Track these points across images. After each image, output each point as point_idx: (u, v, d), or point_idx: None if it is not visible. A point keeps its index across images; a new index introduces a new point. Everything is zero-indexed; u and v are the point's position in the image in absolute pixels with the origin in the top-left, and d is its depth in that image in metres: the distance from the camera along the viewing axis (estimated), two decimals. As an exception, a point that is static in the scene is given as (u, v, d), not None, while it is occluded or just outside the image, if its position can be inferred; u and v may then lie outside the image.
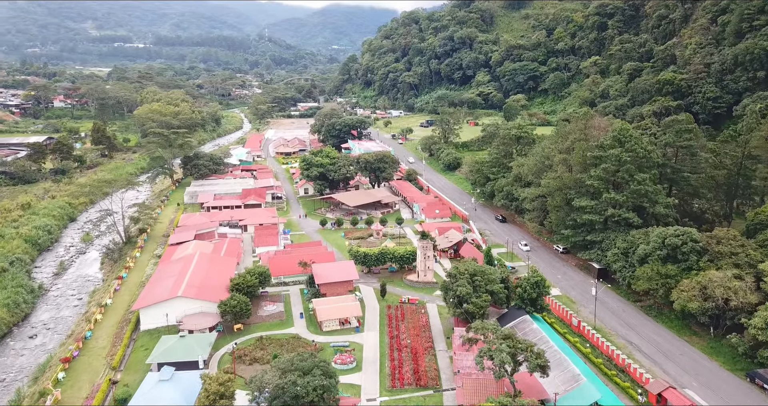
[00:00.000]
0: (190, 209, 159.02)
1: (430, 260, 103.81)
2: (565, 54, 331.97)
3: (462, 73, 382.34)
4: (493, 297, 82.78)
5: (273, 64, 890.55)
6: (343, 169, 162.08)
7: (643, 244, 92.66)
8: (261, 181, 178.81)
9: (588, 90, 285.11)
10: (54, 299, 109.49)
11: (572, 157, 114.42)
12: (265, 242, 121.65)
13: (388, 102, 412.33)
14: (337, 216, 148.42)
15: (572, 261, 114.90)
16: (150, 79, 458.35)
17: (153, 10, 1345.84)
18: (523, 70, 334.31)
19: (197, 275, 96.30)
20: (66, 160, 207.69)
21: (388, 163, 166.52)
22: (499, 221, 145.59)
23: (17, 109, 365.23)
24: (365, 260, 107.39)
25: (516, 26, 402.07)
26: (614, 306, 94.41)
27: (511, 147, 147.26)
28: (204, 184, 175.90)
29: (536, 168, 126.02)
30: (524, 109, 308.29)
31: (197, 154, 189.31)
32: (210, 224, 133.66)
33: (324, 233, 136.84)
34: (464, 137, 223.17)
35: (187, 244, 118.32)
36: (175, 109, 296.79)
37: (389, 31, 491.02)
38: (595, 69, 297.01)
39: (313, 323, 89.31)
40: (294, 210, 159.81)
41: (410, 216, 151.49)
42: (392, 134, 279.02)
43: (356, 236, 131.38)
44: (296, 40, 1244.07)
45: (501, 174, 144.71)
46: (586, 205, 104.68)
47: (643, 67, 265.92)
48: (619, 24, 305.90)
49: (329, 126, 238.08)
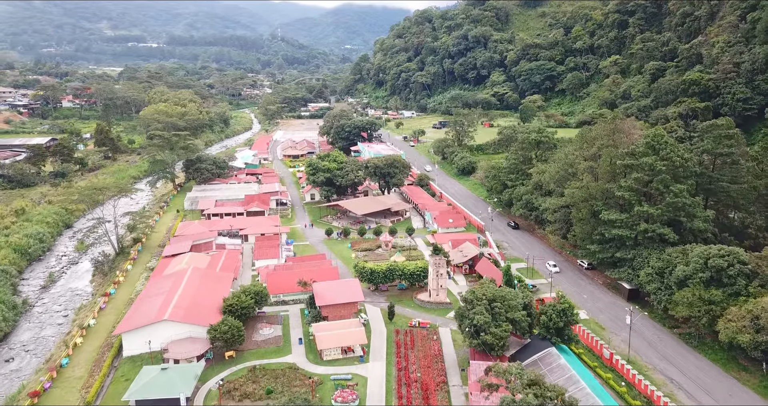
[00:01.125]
0: (190, 215, 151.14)
1: (443, 279, 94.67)
2: (584, 53, 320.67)
3: (476, 73, 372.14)
4: (514, 326, 73.52)
5: (285, 64, 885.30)
6: (351, 175, 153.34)
7: (682, 264, 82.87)
8: (266, 187, 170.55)
9: (608, 90, 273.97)
10: (38, 316, 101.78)
11: (599, 164, 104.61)
12: (265, 254, 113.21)
13: (400, 102, 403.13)
14: (344, 225, 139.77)
15: (599, 279, 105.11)
16: (159, 79, 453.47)
17: (167, 10, 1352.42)
18: (540, 70, 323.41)
19: (187, 294, 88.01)
20: (66, 163, 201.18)
21: (398, 169, 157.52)
22: (511, 228, 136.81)
23: (25, 110, 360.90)
24: (372, 278, 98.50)
25: (532, 25, 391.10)
26: (649, 333, 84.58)
27: (530, 152, 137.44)
28: (206, 190, 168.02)
29: (558, 176, 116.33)
30: (541, 111, 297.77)
31: (200, 157, 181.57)
32: (208, 233, 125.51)
33: (329, 244, 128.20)
34: (479, 140, 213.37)
35: (181, 256, 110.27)
36: (182, 109, 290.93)
37: (402, 30, 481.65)
38: (615, 69, 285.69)
39: (312, 349, 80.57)
40: (299, 217, 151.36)
41: (422, 225, 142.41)
42: (404, 136, 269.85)
43: (363, 248, 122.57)
44: (309, 39, 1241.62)
45: (519, 181, 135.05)
46: (616, 218, 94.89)
47: (667, 66, 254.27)
48: (640, 22, 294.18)
49: (338, 128, 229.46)
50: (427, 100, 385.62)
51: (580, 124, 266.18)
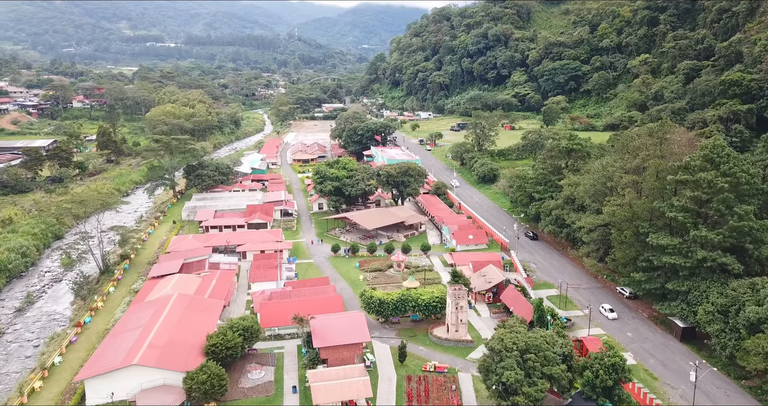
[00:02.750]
0: (187, 227, 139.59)
1: (464, 313, 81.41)
2: (611, 52, 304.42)
3: (496, 73, 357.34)
4: (551, 382, 60.17)
5: (301, 64, 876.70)
6: (362, 184, 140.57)
7: (752, 303, 68.82)
8: (271, 195, 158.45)
9: (637, 91, 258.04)
10: (6, 346, 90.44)
11: (644, 179, 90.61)
12: (262, 276, 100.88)
13: (417, 103, 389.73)
14: (353, 240, 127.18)
15: (643, 310, 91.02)
16: (172, 79, 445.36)
17: (186, 10, 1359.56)
18: (564, 70, 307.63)
19: (166, 330, 75.84)
20: (64, 168, 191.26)
21: (413, 177, 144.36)
22: (529, 238, 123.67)
23: (35, 110, 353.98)
24: (381, 309, 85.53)
25: (555, 22, 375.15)
26: (711, 385, 70.44)
27: (560, 161, 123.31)
28: (206, 198, 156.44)
29: (595, 190, 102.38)
30: (565, 112, 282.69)
31: (202, 163, 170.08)
32: (202, 250, 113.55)
33: (336, 262, 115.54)
34: (500, 144, 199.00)
35: (168, 279, 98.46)
36: (190, 110, 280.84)
37: (419, 29, 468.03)
38: (645, 68, 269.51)
39: (308, 399, 67.91)
40: (305, 230, 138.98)
41: (438, 240, 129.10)
42: (419, 139, 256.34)
43: (373, 268, 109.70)
44: (327, 39, 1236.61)
45: (548, 194, 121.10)
46: (667, 243, 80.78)
47: (703, 66, 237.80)
48: (672, 18, 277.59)
49: (350, 131, 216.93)
50: (444, 101, 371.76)
51: (607, 127, 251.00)
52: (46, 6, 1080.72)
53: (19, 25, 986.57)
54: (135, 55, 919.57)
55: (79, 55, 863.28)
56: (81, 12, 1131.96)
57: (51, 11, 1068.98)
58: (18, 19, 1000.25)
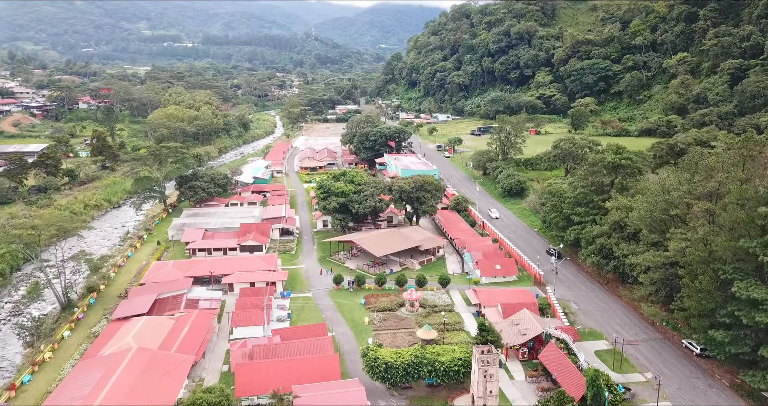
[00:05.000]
0: (173, 249, 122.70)
1: (494, 382, 63.19)
2: (644, 50, 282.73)
3: (519, 73, 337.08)
4: None
5: (317, 64, 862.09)
6: (371, 201, 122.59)
7: None
8: (270, 210, 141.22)
9: (675, 93, 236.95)
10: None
11: (725, 208, 71.40)
12: (247, 319, 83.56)
13: (435, 105, 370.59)
14: (359, 267, 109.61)
15: (722, 375, 71.78)
16: (181, 79, 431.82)
17: (205, 10, 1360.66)
18: (593, 70, 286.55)
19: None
20: (51, 176, 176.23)
21: (430, 192, 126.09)
22: (550, 255, 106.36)
23: (39, 111, 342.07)
24: (388, 375, 67.53)
25: (582, 19, 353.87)
26: None
27: (605, 179, 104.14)
28: (197, 214, 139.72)
29: (653, 218, 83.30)
30: (594, 115, 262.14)
31: (196, 173, 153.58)
32: (181, 282, 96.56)
33: (338, 297, 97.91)
34: (527, 152, 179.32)
35: (134, 321, 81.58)
36: (195, 113, 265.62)
37: (437, 27, 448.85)
38: (683, 68, 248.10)
39: None
40: (306, 253, 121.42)
41: (459, 268, 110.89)
42: (437, 145, 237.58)
43: (381, 307, 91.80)
44: (344, 39, 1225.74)
45: (590, 217, 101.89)
46: (762, 298, 61.76)
47: (750, 65, 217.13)
48: (713, 14, 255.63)
49: (362, 136, 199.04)
50: (464, 103, 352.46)
51: (643, 132, 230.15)
52: (67, 6, 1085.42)
53: (39, 25, 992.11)
54: (152, 55, 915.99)
55: (98, 56, 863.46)
56: (101, 13, 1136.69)
57: (72, 12, 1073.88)
58: (39, 19, 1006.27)
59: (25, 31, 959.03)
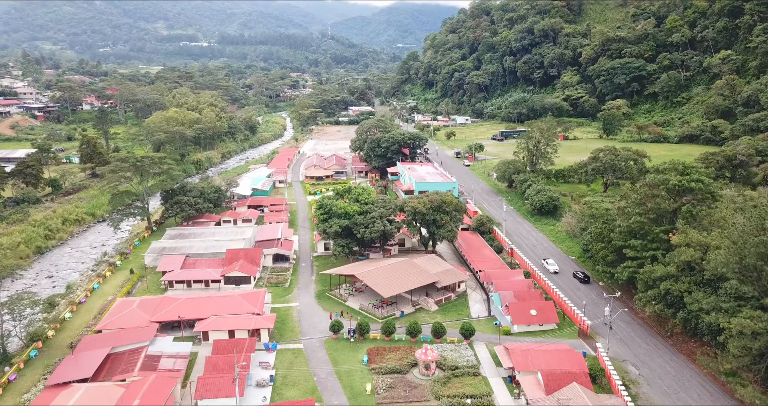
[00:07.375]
0: (148, 279, 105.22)
1: None
2: (682, 48, 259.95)
3: (543, 73, 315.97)
4: None
5: (333, 63, 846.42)
6: (379, 224, 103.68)
7: None
8: (265, 230, 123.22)
9: (719, 95, 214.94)
10: None
11: None
12: (215, 389, 65.36)
13: (452, 106, 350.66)
14: (362, 309, 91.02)
15: None
16: (190, 79, 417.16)
17: (223, 10, 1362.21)
18: (625, 69, 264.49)
19: None
20: (31, 186, 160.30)
21: (449, 214, 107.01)
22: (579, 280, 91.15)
23: (41, 113, 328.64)
24: None
25: (611, 16, 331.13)
26: None
27: (668, 205, 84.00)
28: (181, 235, 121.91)
29: (745, 263, 63.43)
30: (627, 119, 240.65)
31: (184, 186, 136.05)
32: (142, 332, 78.40)
33: (334, 350, 79.30)
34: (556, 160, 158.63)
35: (73, 390, 64.03)
36: (196, 115, 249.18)
37: (455, 25, 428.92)
38: (728, 67, 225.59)
39: None
40: (302, 286, 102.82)
41: (484, 308, 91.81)
42: (456, 151, 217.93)
43: (388, 369, 73.02)
44: (361, 38, 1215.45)
45: (649, 252, 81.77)
46: None
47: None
48: (759, 8, 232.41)
49: (372, 143, 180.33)
50: (484, 104, 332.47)
51: (684, 138, 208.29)
52: (86, 7, 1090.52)
53: (58, 25, 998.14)
54: (168, 54, 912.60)
55: (114, 55, 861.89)
56: (120, 12, 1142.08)
57: (90, 12, 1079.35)
58: (58, 19, 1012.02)
59: (44, 31, 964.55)
